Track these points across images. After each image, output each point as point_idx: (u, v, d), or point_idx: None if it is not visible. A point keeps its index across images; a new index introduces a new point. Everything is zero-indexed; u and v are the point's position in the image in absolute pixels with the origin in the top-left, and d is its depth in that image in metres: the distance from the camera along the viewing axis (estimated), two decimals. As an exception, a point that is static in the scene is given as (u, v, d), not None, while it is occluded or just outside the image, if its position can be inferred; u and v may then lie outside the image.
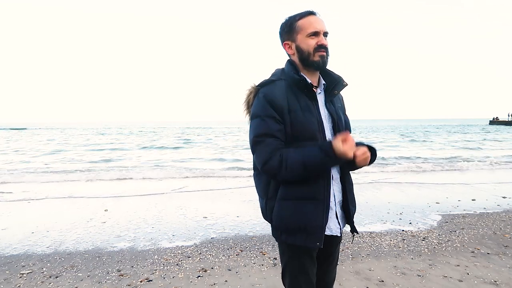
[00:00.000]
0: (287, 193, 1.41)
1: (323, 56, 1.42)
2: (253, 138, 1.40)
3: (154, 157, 15.33)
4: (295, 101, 1.41)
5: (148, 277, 2.91)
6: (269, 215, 1.46)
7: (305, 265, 1.47)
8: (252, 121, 1.43)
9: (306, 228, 1.39)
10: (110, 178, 8.87)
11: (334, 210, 1.48)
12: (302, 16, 1.44)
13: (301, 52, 1.44)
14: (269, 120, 1.37)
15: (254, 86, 1.47)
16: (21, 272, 3.05)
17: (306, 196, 1.40)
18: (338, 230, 1.50)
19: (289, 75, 1.44)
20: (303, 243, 1.40)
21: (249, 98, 1.47)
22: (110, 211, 5.27)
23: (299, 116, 1.39)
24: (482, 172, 9.81)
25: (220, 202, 5.85)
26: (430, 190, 6.80)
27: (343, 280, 2.80)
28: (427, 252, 3.44)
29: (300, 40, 1.43)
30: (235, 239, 3.91)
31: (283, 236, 1.44)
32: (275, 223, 1.44)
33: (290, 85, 1.43)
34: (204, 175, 9.35)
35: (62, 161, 13.83)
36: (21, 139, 29.67)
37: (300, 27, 1.42)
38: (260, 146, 1.38)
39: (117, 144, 23.80)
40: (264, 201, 1.48)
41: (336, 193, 1.49)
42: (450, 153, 16.00)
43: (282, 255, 1.54)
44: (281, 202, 1.42)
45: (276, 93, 1.40)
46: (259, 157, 1.38)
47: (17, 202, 6.02)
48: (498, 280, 2.78)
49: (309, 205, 1.39)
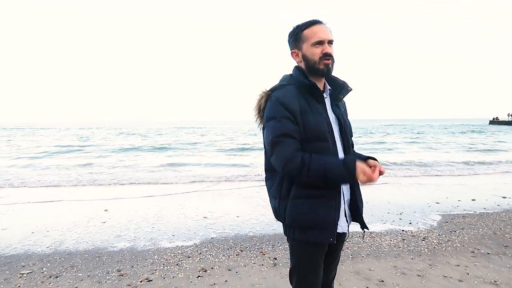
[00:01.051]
0: (300, 192, 1.45)
1: (328, 64, 1.48)
2: (271, 139, 1.43)
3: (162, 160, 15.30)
4: (306, 104, 1.46)
5: (148, 277, 2.91)
6: (283, 214, 1.49)
7: (314, 264, 1.52)
8: (268, 123, 1.46)
9: (320, 224, 1.44)
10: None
11: (343, 208, 1.52)
12: (307, 25, 1.49)
13: (307, 60, 1.50)
14: (285, 121, 1.41)
15: (265, 91, 1.51)
16: (21, 272, 3.05)
17: (318, 194, 1.44)
18: (346, 227, 1.55)
19: (299, 80, 1.50)
20: (317, 239, 1.45)
21: (260, 103, 1.51)
22: (110, 211, 5.28)
23: (310, 118, 1.44)
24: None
25: (220, 202, 5.85)
26: (430, 190, 6.81)
27: (343, 280, 2.80)
28: (427, 252, 3.44)
29: (306, 49, 1.49)
30: (235, 239, 3.91)
31: (297, 234, 1.47)
32: (288, 222, 1.48)
33: (299, 90, 1.49)
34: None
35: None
36: (64, 139, 29.43)
37: (306, 36, 1.48)
38: (279, 146, 1.41)
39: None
40: (277, 201, 1.51)
41: (345, 191, 1.54)
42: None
43: (292, 253, 1.57)
44: (294, 201, 1.45)
45: (288, 97, 1.45)
46: (279, 156, 1.41)
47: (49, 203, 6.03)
48: (498, 280, 2.78)
49: (322, 203, 1.44)
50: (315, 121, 1.44)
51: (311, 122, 1.44)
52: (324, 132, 1.46)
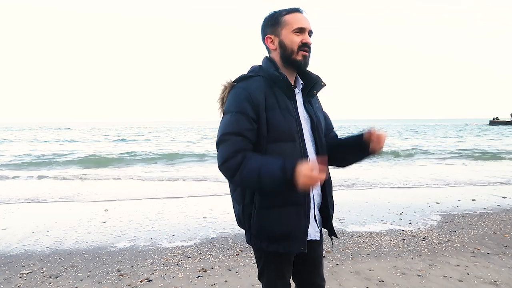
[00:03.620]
0: (265, 200, 1.33)
1: (306, 56, 1.37)
2: (220, 135, 1.31)
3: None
4: (274, 99, 1.33)
5: (148, 277, 2.91)
6: (247, 222, 1.38)
7: (282, 270, 1.46)
8: (223, 117, 1.34)
9: (289, 235, 1.34)
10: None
11: (313, 213, 1.43)
12: (288, 11, 1.38)
13: (284, 48, 1.37)
14: (240, 117, 1.28)
15: (229, 82, 1.38)
16: (21, 272, 3.05)
17: (287, 202, 1.33)
18: (317, 234, 1.47)
19: (269, 71, 1.36)
20: (287, 250, 1.35)
21: (223, 94, 1.38)
22: (110, 211, 5.27)
23: (277, 115, 1.31)
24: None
25: (219, 202, 5.85)
26: (430, 190, 6.81)
27: (343, 280, 2.80)
28: (427, 252, 3.44)
29: (285, 35, 1.36)
30: (235, 239, 3.91)
31: (264, 245, 1.37)
32: (255, 232, 1.37)
33: (268, 82, 1.36)
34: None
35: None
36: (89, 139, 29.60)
37: (286, 21, 1.36)
38: (224, 144, 1.29)
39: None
40: (241, 207, 1.39)
41: (316, 196, 1.45)
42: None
43: (258, 259, 1.49)
44: (260, 211, 1.34)
45: (254, 89, 1.32)
46: (220, 155, 1.29)
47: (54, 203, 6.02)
48: (498, 280, 2.78)
49: (290, 211, 1.34)
50: (282, 119, 1.31)
51: (277, 119, 1.31)
52: (292, 131, 1.33)
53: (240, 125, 1.28)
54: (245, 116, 1.28)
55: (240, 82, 1.36)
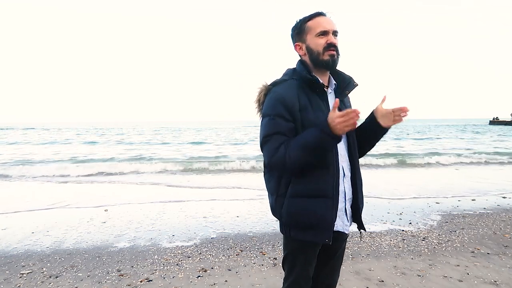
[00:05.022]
0: (297, 191, 1.43)
1: (333, 55, 1.44)
2: (262, 138, 1.43)
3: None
4: (307, 100, 1.43)
5: (148, 277, 2.91)
6: (279, 211, 1.48)
7: (307, 259, 1.51)
8: (263, 120, 1.45)
9: (316, 225, 1.42)
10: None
11: (344, 207, 1.50)
12: (311, 17, 1.47)
13: (311, 52, 1.47)
14: (278, 119, 1.39)
15: (265, 85, 1.49)
16: (21, 272, 3.05)
17: (316, 193, 1.42)
18: (346, 227, 1.53)
19: (301, 74, 1.47)
20: (313, 238, 1.44)
21: (259, 96, 1.50)
22: (110, 211, 5.27)
23: (310, 114, 1.41)
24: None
25: (219, 202, 5.85)
26: (430, 190, 6.80)
27: (343, 280, 2.80)
28: (427, 252, 3.44)
29: (310, 40, 1.46)
30: (235, 239, 3.91)
31: (293, 232, 1.47)
32: (285, 220, 1.47)
33: (301, 85, 1.46)
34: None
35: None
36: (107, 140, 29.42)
37: (309, 27, 1.46)
38: (267, 144, 1.40)
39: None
40: (274, 198, 1.50)
41: (347, 190, 1.52)
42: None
43: (285, 246, 1.57)
44: (291, 200, 1.43)
45: (288, 92, 1.42)
46: (266, 153, 1.41)
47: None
48: (498, 280, 2.78)
49: (318, 202, 1.42)
50: (315, 118, 1.39)
51: (310, 118, 1.40)
52: None
53: (278, 126, 1.39)
54: (283, 118, 1.39)
55: (276, 87, 1.46)
